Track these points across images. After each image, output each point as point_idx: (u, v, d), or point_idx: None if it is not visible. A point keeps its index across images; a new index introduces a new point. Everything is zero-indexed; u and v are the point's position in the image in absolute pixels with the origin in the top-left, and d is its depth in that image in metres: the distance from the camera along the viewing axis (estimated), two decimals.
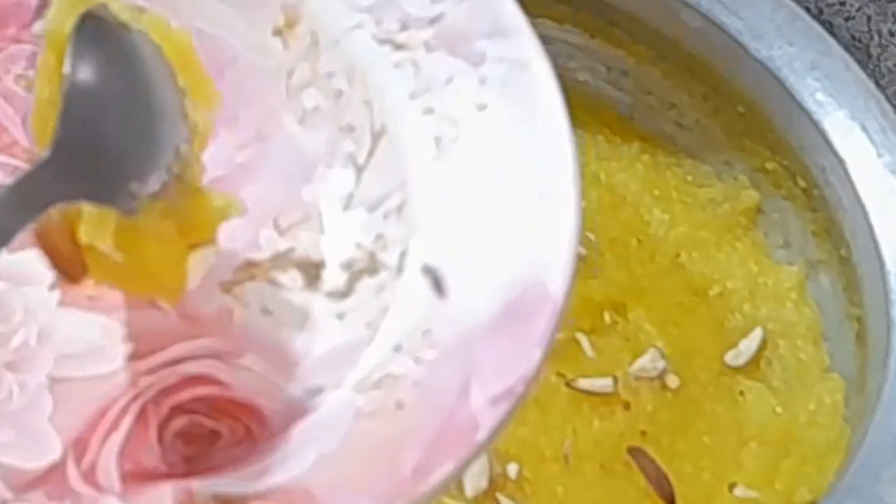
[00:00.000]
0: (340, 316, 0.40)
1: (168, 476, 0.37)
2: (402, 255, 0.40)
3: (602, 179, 0.61)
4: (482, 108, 0.41)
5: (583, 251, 0.59)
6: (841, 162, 0.57)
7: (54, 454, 0.38)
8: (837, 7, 0.66)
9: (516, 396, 0.36)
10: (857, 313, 0.57)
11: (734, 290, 0.59)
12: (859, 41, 0.66)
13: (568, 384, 0.56)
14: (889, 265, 0.55)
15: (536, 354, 0.36)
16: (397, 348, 0.38)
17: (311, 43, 0.44)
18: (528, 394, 0.36)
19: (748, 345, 0.58)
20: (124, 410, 0.38)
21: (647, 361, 0.57)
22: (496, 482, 0.53)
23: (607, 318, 0.58)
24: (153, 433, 0.38)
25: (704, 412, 0.56)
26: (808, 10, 0.60)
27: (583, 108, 0.63)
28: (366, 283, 0.40)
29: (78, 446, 0.38)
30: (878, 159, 0.57)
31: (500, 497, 0.53)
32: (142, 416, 0.38)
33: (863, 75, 0.59)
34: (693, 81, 0.62)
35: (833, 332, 0.58)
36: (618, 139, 0.62)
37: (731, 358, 0.58)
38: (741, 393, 0.57)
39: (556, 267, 0.38)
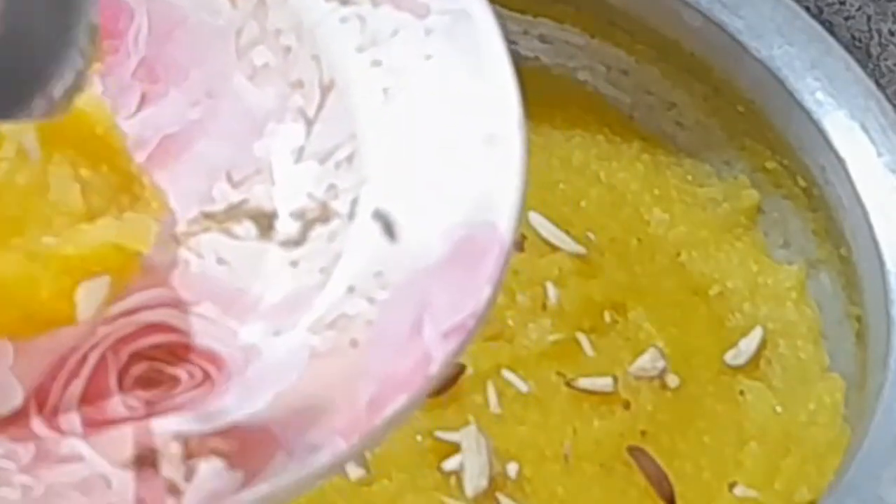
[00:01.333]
0: (294, 263, 0.41)
1: (129, 419, 0.38)
2: (354, 202, 0.41)
3: (602, 179, 0.61)
4: (428, 58, 0.42)
5: (583, 251, 0.59)
6: (841, 161, 0.57)
7: (16, 401, 0.38)
8: (837, 6, 0.66)
9: (467, 331, 0.37)
10: (857, 312, 0.57)
11: (734, 290, 0.59)
12: (859, 41, 0.66)
13: (568, 384, 0.56)
14: (889, 264, 0.55)
15: (486, 291, 0.38)
16: (350, 290, 0.39)
17: (259, 1, 0.44)
18: (478, 329, 0.37)
19: (748, 344, 0.58)
20: (84, 359, 0.39)
21: (647, 361, 0.57)
22: (496, 482, 0.53)
23: (607, 317, 0.58)
24: (113, 380, 0.39)
25: (704, 412, 0.56)
26: (807, 9, 0.60)
27: (583, 107, 0.63)
28: (318, 232, 0.41)
29: (39, 394, 0.38)
30: (878, 158, 0.57)
31: (500, 497, 0.53)
32: (101, 363, 0.39)
33: (863, 75, 0.59)
34: (693, 81, 0.62)
35: (833, 331, 0.58)
36: (618, 139, 0.62)
37: (731, 357, 0.58)
38: (741, 392, 0.57)
39: (503, 208, 0.39)
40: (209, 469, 0.36)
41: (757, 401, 0.56)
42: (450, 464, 0.53)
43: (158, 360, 0.39)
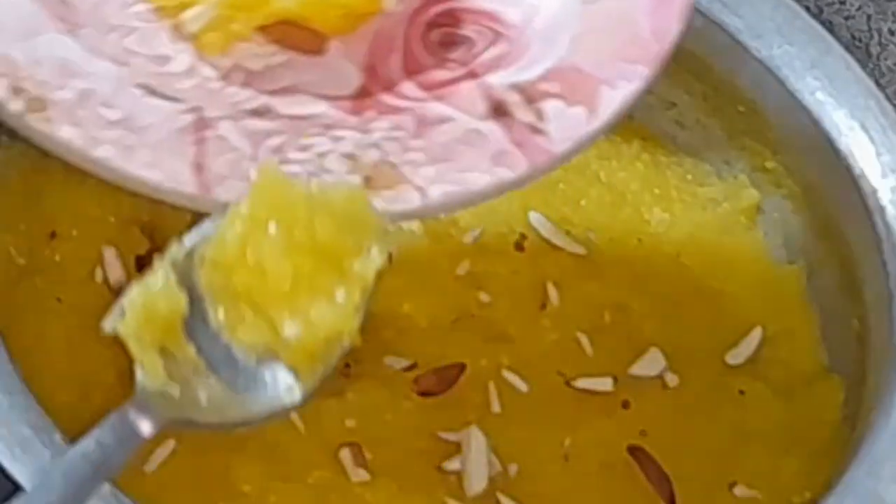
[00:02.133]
0: None
1: (456, 80, 0.44)
2: None
3: (602, 178, 0.61)
4: None
5: (583, 251, 0.59)
6: (841, 161, 0.58)
7: (356, 81, 0.44)
8: (837, 6, 0.66)
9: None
10: (856, 312, 0.57)
11: (734, 290, 0.59)
12: (859, 40, 0.66)
13: (568, 383, 0.56)
14: (889, 264, 0.55)
15: None
16: None
17: None
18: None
19: (748, 344, 0.58)
20: (392, 38, 0.45)
21: (647, 361, 0.57)
22: (496, 482, 0.53)
23: (607, 317, 0.58)
24: (420, 48, 0.45)
25: (704, 411, 0.56)
26: (807, 9, 0.60)
27: None
28: None
29: (370, 74, 0.44)
30: (878, 158, 0.57)
31: (501, 496, 0.53)
32: (408, 36, 0.45)
33: (862, 74, 0.59)
34: (693, 80, 0.62)
35: (833, 331, 0.58)
36: (618, 138, 0.62)
37: (731, 357, 0.58)
38: (741, 392, 0.57)
39: None
40: (554, 109, 0.42)
41: (757, 400, 0.57)
42: (450, 464, 0.53)
43: (447, 26, 0.45)
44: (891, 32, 0.66)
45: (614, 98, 0.42)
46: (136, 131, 0.41)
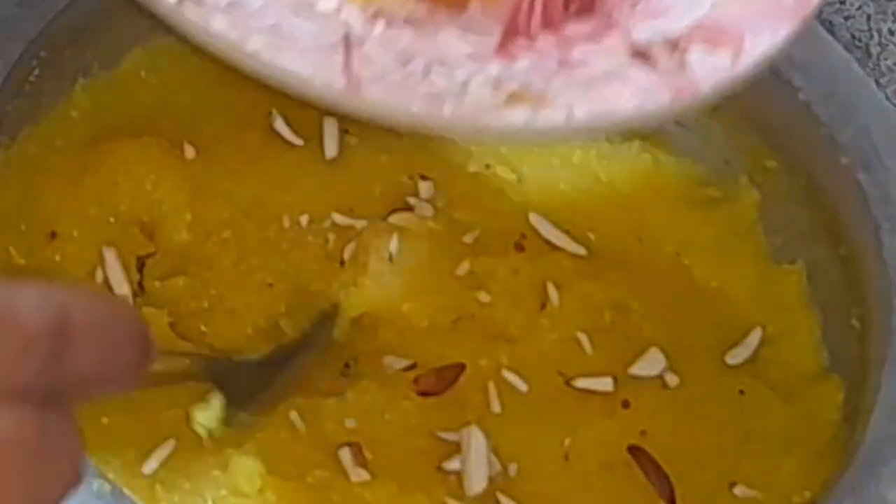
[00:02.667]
0: None
1: (595, 33, 0.44)
2: None
3: (602, 179, 0.61)
4: None
5: (583, 251, 0.59)
6: (841, 161, 0.58)
7: (495, 37, 0.44)
8: (837, 6, 0.66)
9: None
10: (857, 312, 0.57)
11: (734, 289, 0.59)
12: (859, 40, 0.66)
13: (568, 383, 0.56)
14: (890, 264, 0.55)
15: None
16: None
17: None
18: None
19: (748, 344, 0.58)
20: None
21: (648, 361, 0.57)
22: (496, 481, 0.53)
23: (607, 317, 0.58)
24: (561, 8, 0.44)
25: (704, 411, 0.56)
26: None
27: None
28: None
29: (509, 31, 0.44)
30: (879, 158, 0.57)
31: (501, 496, 0.53)
32: None
33: (863, 74, 0.59)
34: None
35: (833, 331, 0.58)
36: (618, 138, 0.62)
37: (731, 357, 0.58)
38: (741, 392, 0.57)
39: None
40: (697, 54, 0.42)
41: (757, 400, 0.56)
42: (450, 464, 0.53)
43: None
44: (891, 32, 0.66)
45: (758, 44, 0.43)
46: (286, 38, 0.42)
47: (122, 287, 0.55)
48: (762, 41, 0.43)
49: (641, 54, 0.43)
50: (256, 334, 0.55)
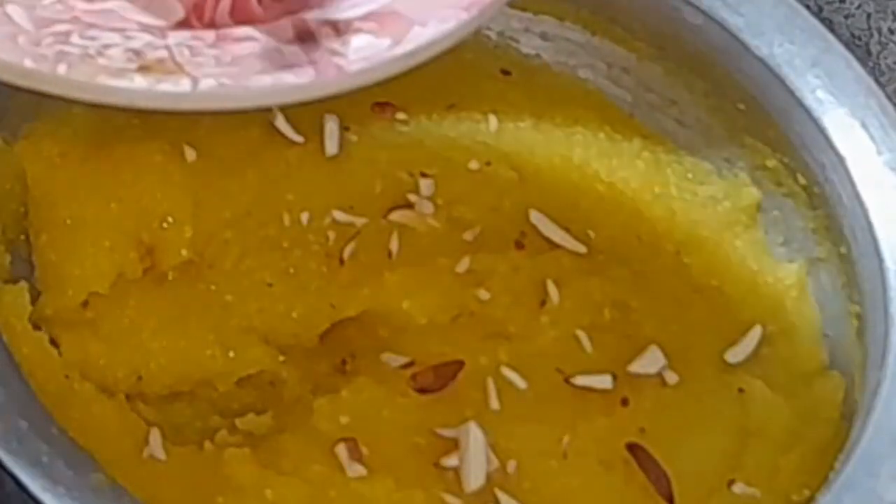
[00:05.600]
0: None
1: (274, 18, 0.45)
2: None
3: (602, 177, 0.61)
4: None
5: (583, 248, 0.59)
6: (841, 159, 0.58)
7: (179, 14, 0.45)
8: (837, 4, 0.66)
9: None
10: (856, 310, 0.57)
11: (734, 288, 0.59)
12: (859, 39, 0.66)
13: (567, 381, 0.56)
14: (888, 262, 0.55)
15: None
16: None
17: None
18: None
19: (748, 342, 0.58)
20: None
21: (647, 358, 0.57)
22: (494, 478, 0.53)
23: (607, 314, 0.58)
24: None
25: (704, 409, 0.56)
26: (808, 7, 0.60)
27: (583, 105, 0.63)
28: None
29: (197, 11, 0.45)
30: (878, 157, 0.57)
31: (499, 493, 0.53)
32: None
33: (863, 73, 0.59)
34: (694, 78, 0.62)
35: (833, 329, 0.58)
36: (618, 136, 0.62)
37: (730, 355, 0.58)
38: (741, 390, 0.57)
39: None
40: (360, 39, 0.44)
41: (756, 398, 0.56)
42: (448, 460, 0.53)
43: None
44: (891, 31, 0.66)
45: (423, 34, 0.44)
46: None
47: None
48: (427, 31, 0.44)
49: (306, 36, 0.44)
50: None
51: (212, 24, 0.45)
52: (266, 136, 0.59)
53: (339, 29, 0.44)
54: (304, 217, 0.57)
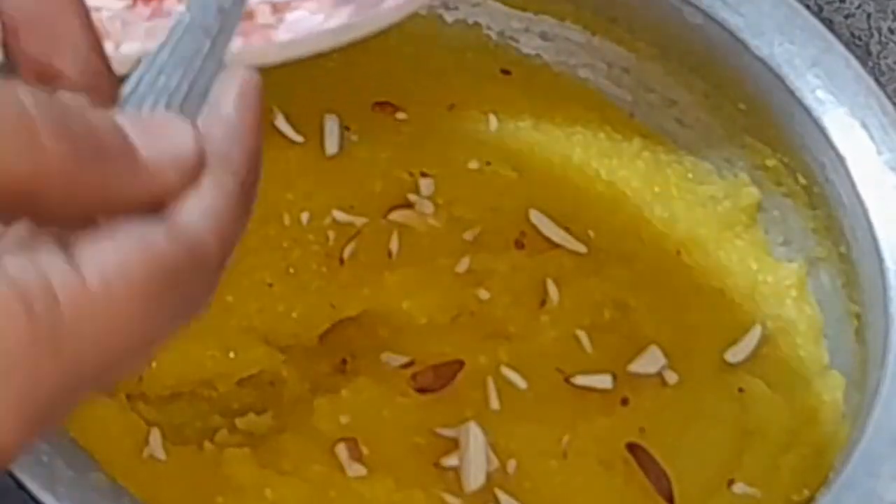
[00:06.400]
0: None
1: None
2: None
3: (603, 176, 0.61)
4: None
5: (583, 248, 0.59)
6: (841, 159, 0.58)
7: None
8: (837, 4, 0.66)
9: None
10: (856, 310, 0.57)
11: (734, 288, 0.59)
12: (859, 38, 0.66)
13: (567, 381, 0.56)
14: (888, 262, 0.55)
15: None
16: None
17: None
18: None
19: (748, 342, 0.58)
20: None
21: (647, 358, 0.57)
22: (494, 478, 0.53)
23: (607, 314, 0.58)
24: None
25: (704, 409, 0.56)
26: (808, 7, 0.60)
27: (584, 105, 0.63)
28: None
29: None
30: (878, 156, 0.57)
31: (499, 493, 0.53)
32: None
33: (863, 72, 0.59)
34: (694, 79, 0.62)
35: (833, 328, 0.58)
36: (619, 136, 0.62)
37: (730, 355, 0.58)
38: (740, 390, 0.57)
39: None
40: (296, 15, 0.44)
41: (756, 398, 0.56)
42: (448, 460, 0.53)
43: None
44: (891, 31, 0.66)
45: (359, 10, 0.43)
46: None
47: None
48: (365, 9, 0.43)
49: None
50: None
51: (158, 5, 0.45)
52: (266, 136, 0.58)
53: (277, 8, 0.44)
54: (304, 217, 0.57)
